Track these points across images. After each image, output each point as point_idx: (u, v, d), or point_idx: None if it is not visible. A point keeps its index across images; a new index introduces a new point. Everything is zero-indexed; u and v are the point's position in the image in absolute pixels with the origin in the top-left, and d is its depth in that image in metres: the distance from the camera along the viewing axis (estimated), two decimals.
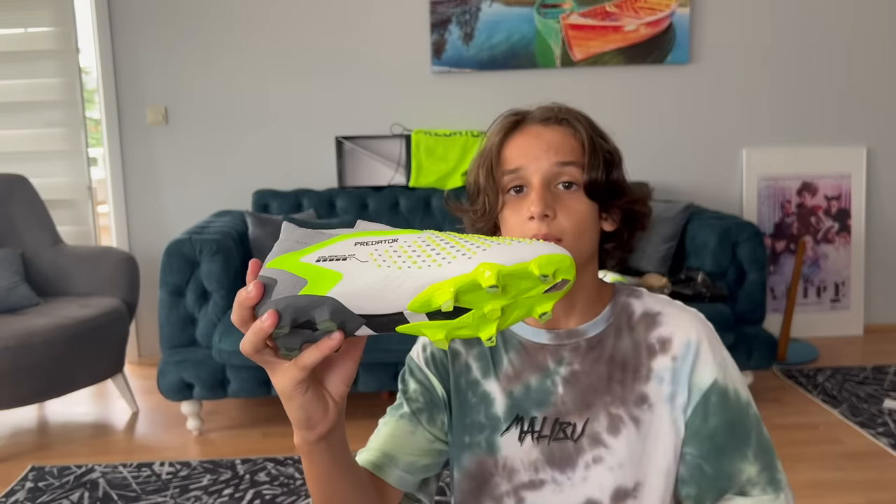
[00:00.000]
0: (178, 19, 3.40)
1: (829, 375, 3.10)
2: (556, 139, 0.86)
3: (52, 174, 3.43)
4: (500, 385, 0.90)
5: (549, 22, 3.42)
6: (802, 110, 3.61)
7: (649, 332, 0.88)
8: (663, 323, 0.89)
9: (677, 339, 0.87)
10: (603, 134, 0.90)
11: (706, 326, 0.89)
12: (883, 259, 3.72)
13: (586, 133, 0.87)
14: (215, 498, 2.23)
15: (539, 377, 0.89)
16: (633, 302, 0.91)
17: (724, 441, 0.86)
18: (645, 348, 0.88)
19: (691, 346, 0.86)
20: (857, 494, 2.17)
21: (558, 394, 0.88)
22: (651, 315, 0.89)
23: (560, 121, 0.88)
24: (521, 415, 0.89)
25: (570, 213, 0.84)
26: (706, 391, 0.85)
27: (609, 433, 0.86)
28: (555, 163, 0.85)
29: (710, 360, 0.86)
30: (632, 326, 0.89)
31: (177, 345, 2.67)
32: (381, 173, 3.48)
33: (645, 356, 0.87)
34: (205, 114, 3.46)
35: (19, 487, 2.33)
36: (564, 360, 0.88)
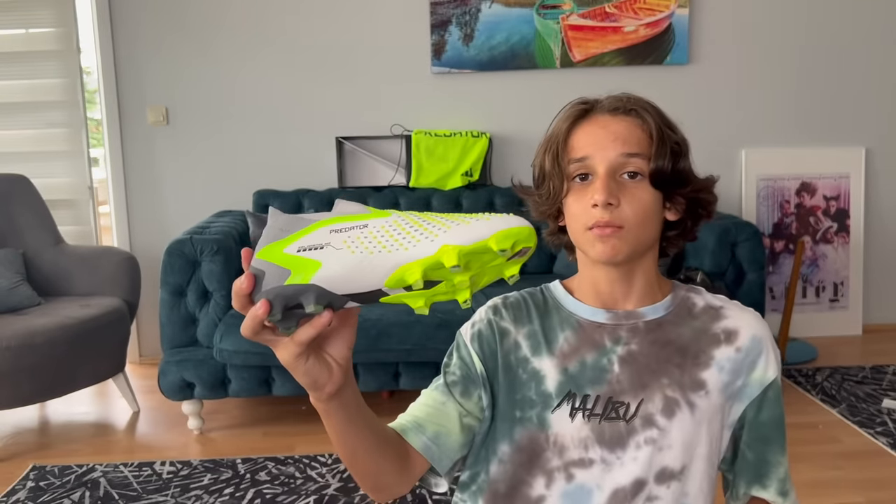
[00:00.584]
0: (179, 20, 3.41)
1: (827, 375, 3.11)
2: (623, 130, 0.88)
3: (54, 174, 3.44)
4: (555, 362, 0.91)
5: (548, 23, 3.43)
6: (801, 111, 3.62)
7: (714, 323, 0.91)
8: (728, 316, 0.92)
9: (744, 332, 0.91)
10: (671, 124, 0.91)
11: (767, 327, 0.94)
12: (881, 259, 3.73)
13: (654, 123, 0.89)
14: (216, 497, 2.24)
15: (595, 355, 0.90)
16: (693, 296, 0.95)
17: (770, 433, 0.92)
18: (709, 336, 0.91)
19: (756, 342, 0.90)
20: (856, 494, 2.18)
21: (614, 372, 0.89)
22: (714, 308, 0.93)
23: (628, 111, 0.90)
24: (573, 391, 0.89)
25: (634, 201, 0.86)
26: (767, 386, 0.91)
27: (663, 415, 0.87)
28: (621, 153, 0.87)
29: (773, 358, 0.91)
30: (694, 316, 0.92)
31: (178, 344, 2.67)
32: (382, 173, 3.49)
33: (707, 344, 0.90)
34: (206, 114, 3.47)
35: (20, 487, 2.34)
36: (622, 340, 0.90)
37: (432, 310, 2.88)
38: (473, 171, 3.39)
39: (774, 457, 0.94)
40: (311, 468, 2.41)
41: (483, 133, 3.40)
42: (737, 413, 0.92)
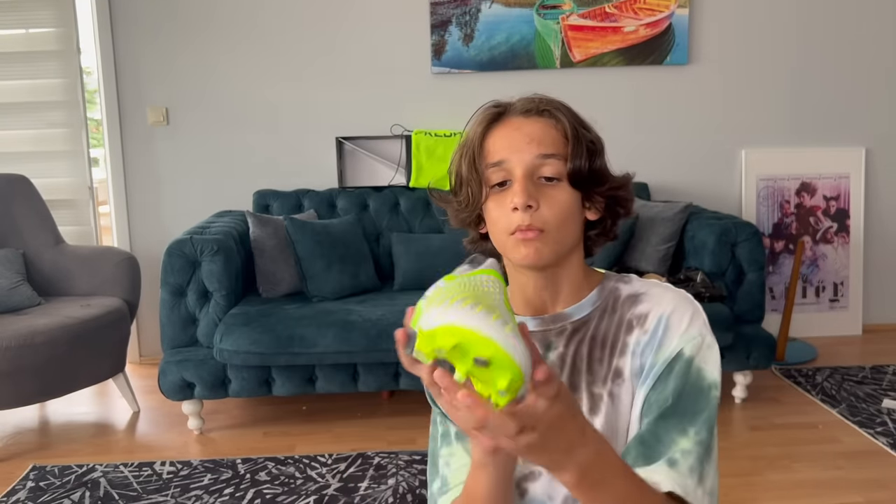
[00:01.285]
0: (179, 20, 3.41)
1: (827, 375, 3.11)
2: (537, 131, 0.87)
3: (54, 174, 3.44)
4: None
5: (548, 23, 3.43)
6: (801, 111, 3.62)
7: (630, 310, 0.89)
8: (644, 301, 0.89)
9: (652, 313, 0.87)
10: (585, 123, 0.90)
11: (687, 303, 0.88)
12: (881, 259, 3.73)
13: (568, 123, 0.87)
14: (216, 497, 2.24)
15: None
16: (620, 286, 0.92)
17: (668, 411, 0.82)
18: (625, 325, 0.88)
19: (662, 319, 0.86)
20: (855, 494, 2.18)
21: None
22: (635, 295, 0.90)
23: (541, 112, 0.88)
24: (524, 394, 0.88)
25: (553, 203, 0.85)
26: (671, 361, 0.84)
27: (590, 414, 0.87)
28: (537, 155, 0.86)
29: (681, 331, 0.85)
30: (616, 308, 0.90)
31: (178, 344, 2.67)
32: (382, 174, 3.49)
33: (623, 332, 0.88)
34: (205, 114, 3.47)
35: (20, 487, 2.34)
36: (552, 345, 0.90)
37: None
38: None
39: (669, 434, 0.80)
40: (311, 468, 2.41)
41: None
42: (640, 398, 0.85)
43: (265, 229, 2.96)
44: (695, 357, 0.84)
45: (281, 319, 2.59)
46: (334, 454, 2.50)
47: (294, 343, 2.54)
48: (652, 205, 3.10)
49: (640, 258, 3.00)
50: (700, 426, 0.82)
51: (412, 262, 3.05)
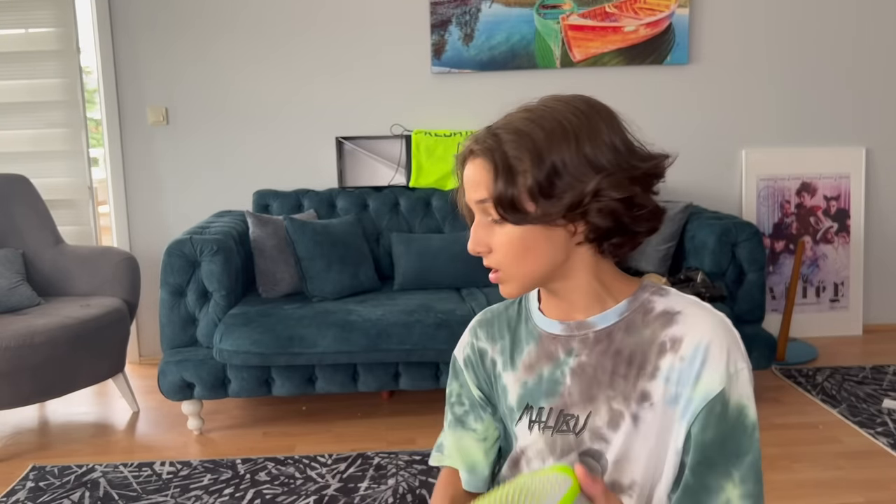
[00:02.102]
0: (179, 20, 3.41)
1: (828, 375, 3.11)
2: (472, 175, 0.85)
3: (54, 174, 3.44)
4: (517, 375, 0.94)
5: (548, 23, 3.43)
6: (802, 111, 3.62)
7: (664, 330, 0.85)
8: (679, 322, 0.84)
9: (689, 339, 0.82)
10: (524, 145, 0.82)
11: (726, 331, 0.83)
12: (882, 259, 3.73)
13: (489, 161, 0.83)
14: (216, 497, 2.24)
15: (551, 367, 0.91)
16: (655, 299, 0.88)
17: (713, 455, 0.81)
18: (656, 345, 0.84)
19: (700, 349, 0.81)
20: (856, 494, 2.18)
21: (566, 384, 0.89)
22: (670, 313, 0.86)
23: (472, 153, 0.86)
24: (530, 404, 0.91)
25: (502, 245, 0.85)
26: (711, 400, 0.80)
27: (609, 428, 0.86)
28: (475, 200, 0.86)
29: (721, 367, 0.80)
30: (647, 322, 0.86)
31: (177, 344, 2.67)
32: (382, 173, 3.49)
33: (654, 353, 0.84)
34: (205, 114, 3.47)
35: (20, 487, 2.34)
36: (574, 351, 0.89)
37: (432, 310, 2.87)
38: None
39: (716, 481, 0.80)
40: (311, 468, 2.41)
41: None
42: (682, 433, 0.82)
43: (265, 229, 2.96)
44: (732, 395, 0.81)
45: (281, 319, 2.58)
46: (334, 454, 2.50)
47: (294, 343, 2.54)
48: None
49: (640, 258, 3.00)
50: (746, 471, 0.81)
51: (412, 262, 3.04)
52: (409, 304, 2.70)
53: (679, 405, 0.82)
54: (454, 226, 3.28)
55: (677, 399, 0.82)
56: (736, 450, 0.81)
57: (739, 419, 0.81)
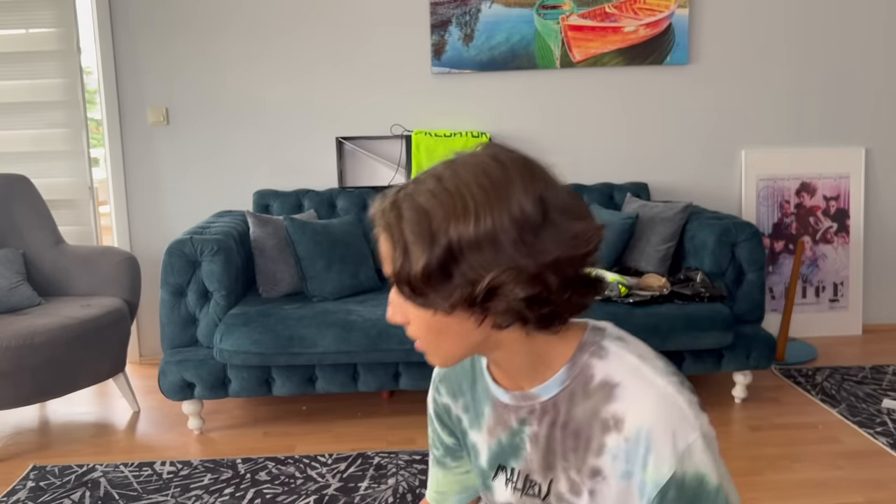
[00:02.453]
0: (179, 20, 3.41)
1: (827, 375, 3.11)
2: (383, 249, 0.79)
3: (54, 174, 3.44)
4: (484, 437, 0.92)
5: (548, 23, 3.44)
6: (801, 111, 3.62)
7: (604, 405, 0.79)
8: (619, 398, 0.78)
9: (630, 421, 0.76)
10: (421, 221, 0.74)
11: (669, 408, 0.76)
12: (881, 259, 3.73)
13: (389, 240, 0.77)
14: (216, 497, 2.24)
15: (508, 434, 0.89)
16: (594, 364, 0.81)
17: None
18: (599, 421, 0.79)
19: (643, 434, 0.75)
20: (855, 493, 2.18)
21: (527, 450, 0.87)
22: (609, 385, 0.79)
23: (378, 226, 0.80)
24: (502, 464, 0.90)
25: (416, 320, 0.80)
26: (663, 487, 0.75)
27: (572, 494, 0.84)
28: (388, 273, 0.79)
29: (667, 452, 0.74)
30: (588, 393, 0.80)
31: (178, 344, 2.68)
32: (382, 174, 3.49)
33: (598, 429, 0.79)
34: (205, 114, 3.48)
35: (21, 487, 2.34)
36: (526, 421, 0.86)
37: None
38: None
39: None
40: (312, 468, 2.41)
41: (483, 133, 3.40)
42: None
43: (265, 229, 2.96)
44: (692, 470, 0.75)
45: (281, 319, 2.59)
46: (334, 454, 2.51)
47: (294, 343, 2.54)
48: (652, 205, 3.10)
49: (640, 258, 3.00)
50: None
51: None
52: None
53: (634, 480, 0.77)
54: None
55: (630, 474, 0.77)
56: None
57: (700, 489, 0.75)
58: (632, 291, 2.73)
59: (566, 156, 3.54)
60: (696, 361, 2.73)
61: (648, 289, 2.77)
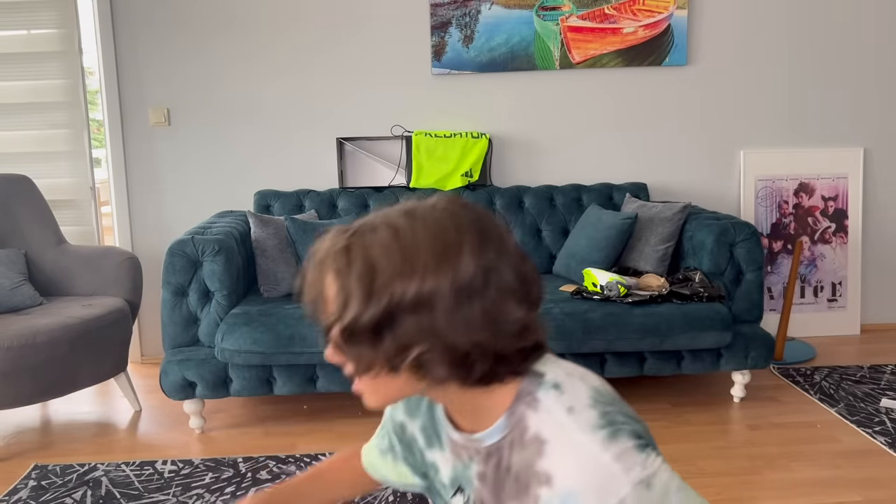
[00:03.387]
0: (180, 21, 3.42)
1: (826, 374, 3.12)
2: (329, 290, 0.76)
3: (56, 175, 3.45)
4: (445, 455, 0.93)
5: (548, 24, 3.45)
6: (800, 111, 3.63)
7: (537, 459, 0.78)
8: (547, 455, 0.76)
9: (558, 480, 0.75)
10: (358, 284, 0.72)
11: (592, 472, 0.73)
12: (879, 259, 3.74)
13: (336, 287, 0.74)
14: (217, 496, 2.25)
15: (461, 466, 0.90)
16: (528, 416, 0.79)
17: None
18: (533, 473, 0.78)
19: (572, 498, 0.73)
20: (854, 493, 2.19)
21: (476, 485, 0.88)
22: (539, 441, 0.78)
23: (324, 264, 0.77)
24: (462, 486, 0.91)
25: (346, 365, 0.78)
26: None
27: None
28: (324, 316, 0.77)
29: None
30: (524, 445, 0.80)
31: (179, 344, 2.69)
32: (382, 174, 3.51)
33: (533, 480, 0.78)
34: (206, 115, 3.49)
35: (22, 486, 2.35)
36: (473, 460, 0.87)
37: None
38: (473, 171, 3.40)
39: None
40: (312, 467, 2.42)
41: (483, 134, 3.41)
42: None
43: (266, 229, 2.97)
44: None
45: (282, 319, 2.60)
46: (335, 453, 2.51)
47: (295, 342, 2.55)
48: (651, 205, 3.12)
49: (638, 258, 3.01)
50: None
51: None
52: None
53: None
54: None
55: None
56: None
57: None
58: (631, 291, 2.75)
59: (565, 156, 3.55)
60: (694, 361, 2.74)
61: (647, 289, 2.78)
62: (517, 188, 3.40)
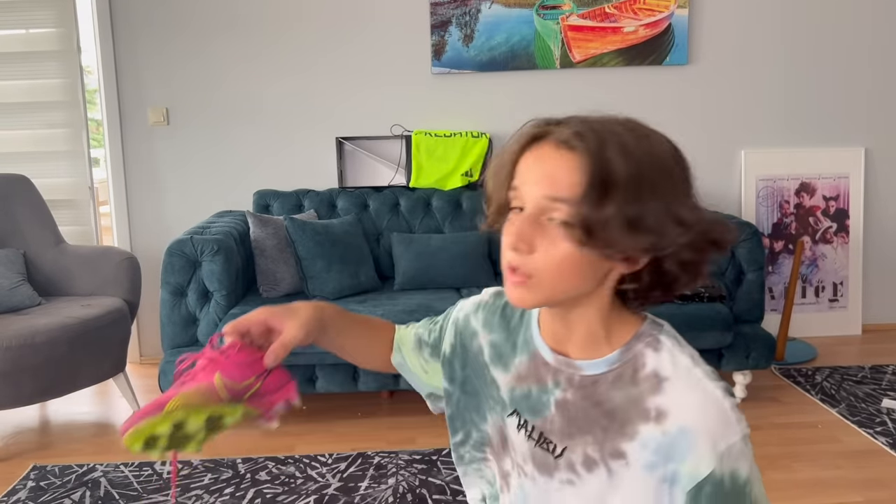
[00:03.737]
0: (179, 20, 3.41)
1: (827, 375, 3.11)
2: (558, 168, 0.76)
3: (55, 174, 3.44)
4: (507, 378, 0.92)
5: (548, 23, 3.44)
6: (801, 111, 3.62)
7: (650, 396, 0.80)
8: (667, 392, 0.80)
9: (673, 417, 0.78)
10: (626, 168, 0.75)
11: (716, 411, 0.78)
12: (881, 259, 3.73)
13: (590, 167, 0.75)
14: (216, 497, 2.24)
15: (538, 389, 0.89)
16: (648, 354, 0.83)
17: None
18: (640, 410, 0.81)
19: (685, 433, 0.77)
20: (855, 493, 2.19)
21: (550, 412, 0.87)
22: (659, 378, 0.81)
23: (572, 147, 0.76)
24: (519, 411, 0.90)
25: (549, 252, 0.77)
26: (699, 483, 0.77)
27: (583, 467, 0.85)
28: (545, 195, 0.76)
29: (707, 452, 0.76)
30: (635, 381, 0.82)
31: (178, 344, 2.68)
32: (382, 174, 3.50)
33: (637, 416, 0.81)
34: (205, 114, 3.48)
35: (21, 486, 2.34)
36: (560, 385, 0.87)
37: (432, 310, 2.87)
38: (473, 171, 3.39)
39: None
40: (312, 468, 2.42)
41: (483, 133, 3.40)
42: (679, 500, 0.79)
43: (265, 229, 2.96)
44: (728, 469, 0.77)
45: None
46: (334, 454, 2.51)
47: None
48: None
49: None
50: None
51: (412, 262, 3.05)
52: (409, 304, 2.71)
53: (656, 472, 0.79)
54: (454, 226, 3.28)
55: (654, 467, 0.79)
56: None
57: (733, 486, 0.78)
58: None
59: None
60: None
61: None
62: None
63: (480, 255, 3.11)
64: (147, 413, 0.78)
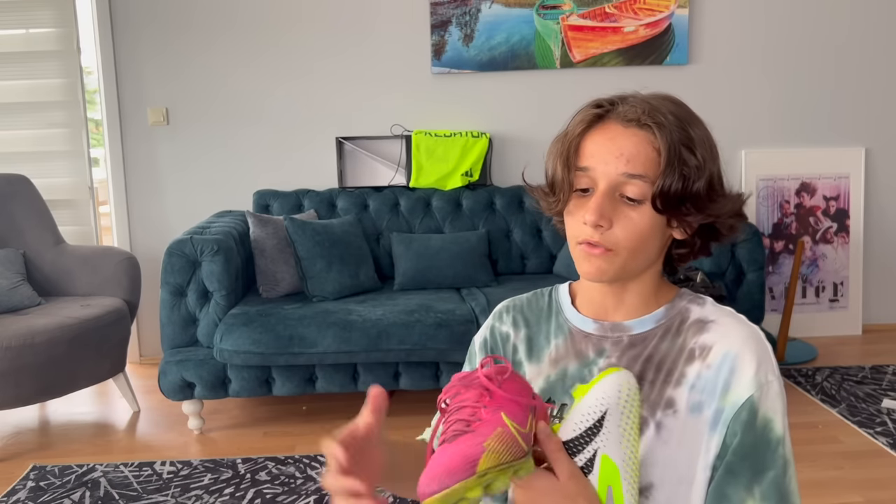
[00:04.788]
0: (179, 20, 3.41)
1: (827, 375, 3.11)
2: (631, 146, 0.81)
3: (54, 174, 3.44)
4: (541, 368, 0.92)
5: (548, 23, 3.44)
6: (801, 111, 3.62)
7: (694, 337, 0.85)
8: (711, 330, 0.85)
9: (717, 347, 0.82)
10: (691, 142, 0.82)
11: (757, 343, 0.83)
12: (881, 259, 3.73)
13: (668, 143, 0.80)
14: (216, 497, 2.24)
15: (578, 365, 0.89)
16: (692, 308, 0.88)
17: (735, 463, 0.80)
18: (685, 353, 0.84)
19: (728, 358, 0.81)
20: (855, 493, 2.18)
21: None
22: (703, 322, 0.86)
23: (642, 125, 0.81)
24: (553, 399, 0.90)
25: (629, 226, 0.82)
26: (739, 407, 0.79)
27: None
28: (623, 172, 0.81)
29: (749, 376, 0.80)
30: (681, 331, 0.86)
31: (178, 344, 2.68)
32: (382, 174, 3.49)
33: (682, 360, 0.84)
34: (205, 114, 3.48)
35: (21, 487, 2.34)
36: (605, 353, 0.88)
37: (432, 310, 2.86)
38: (473, 171, 3.39)
39: (737, 493, 0.79)
40: (311, 468, 2.42)
41: (483, 133, 3.40)
42: (716, 446, 0.81)
43: (265, 229, 2.96)
44: (763, 407, 0.80)
45: (281, 319, 2.59)
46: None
47: (294, 343, 2.54)
48: None
49: None
50: (768, 488, 0.79)
51: (412, 262, 3.05)
52: (409, 304, 2.71)
53: (702, 414, 0.81)
54: (454, 226, 3.28)
55: (700, 408, 0.81)
56: (758, 464, 0.80)
57: (764, 432, 0.80)
58: None
59: None
60: None
61: None
62: (517, 188, 3.38)
63: (480, 255, 3.11)
64: (454, 471, 0.71)
